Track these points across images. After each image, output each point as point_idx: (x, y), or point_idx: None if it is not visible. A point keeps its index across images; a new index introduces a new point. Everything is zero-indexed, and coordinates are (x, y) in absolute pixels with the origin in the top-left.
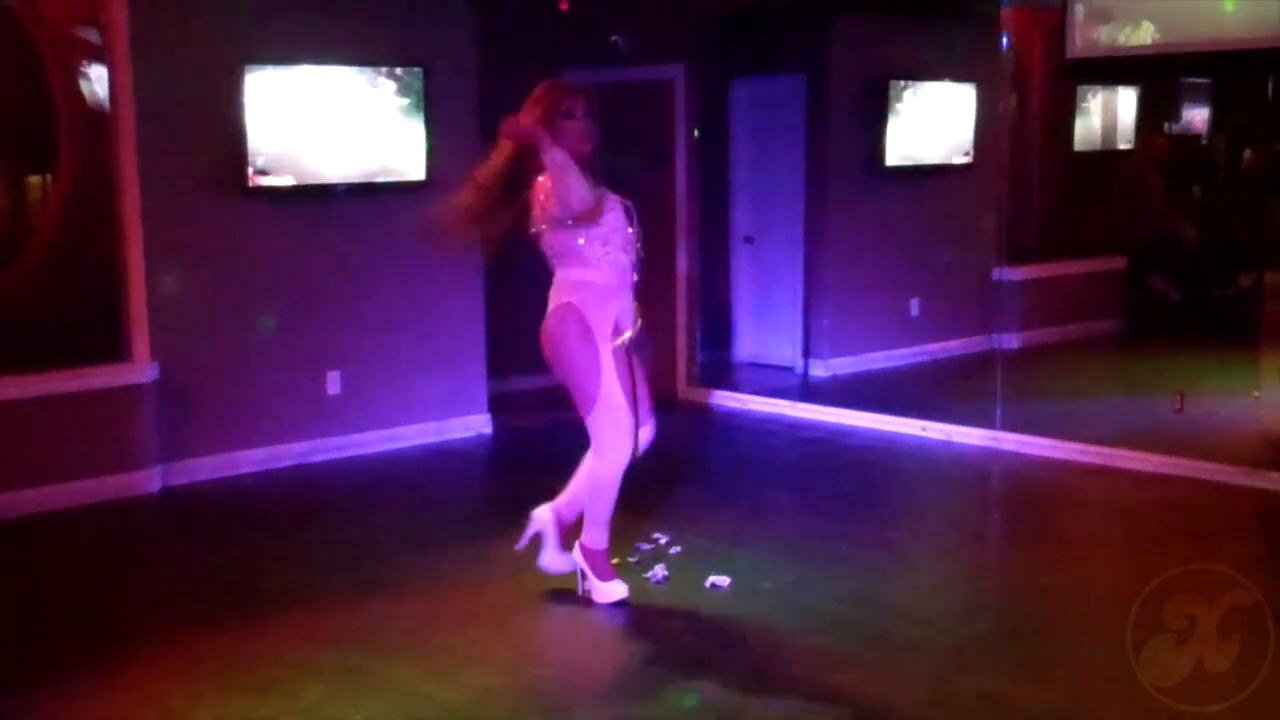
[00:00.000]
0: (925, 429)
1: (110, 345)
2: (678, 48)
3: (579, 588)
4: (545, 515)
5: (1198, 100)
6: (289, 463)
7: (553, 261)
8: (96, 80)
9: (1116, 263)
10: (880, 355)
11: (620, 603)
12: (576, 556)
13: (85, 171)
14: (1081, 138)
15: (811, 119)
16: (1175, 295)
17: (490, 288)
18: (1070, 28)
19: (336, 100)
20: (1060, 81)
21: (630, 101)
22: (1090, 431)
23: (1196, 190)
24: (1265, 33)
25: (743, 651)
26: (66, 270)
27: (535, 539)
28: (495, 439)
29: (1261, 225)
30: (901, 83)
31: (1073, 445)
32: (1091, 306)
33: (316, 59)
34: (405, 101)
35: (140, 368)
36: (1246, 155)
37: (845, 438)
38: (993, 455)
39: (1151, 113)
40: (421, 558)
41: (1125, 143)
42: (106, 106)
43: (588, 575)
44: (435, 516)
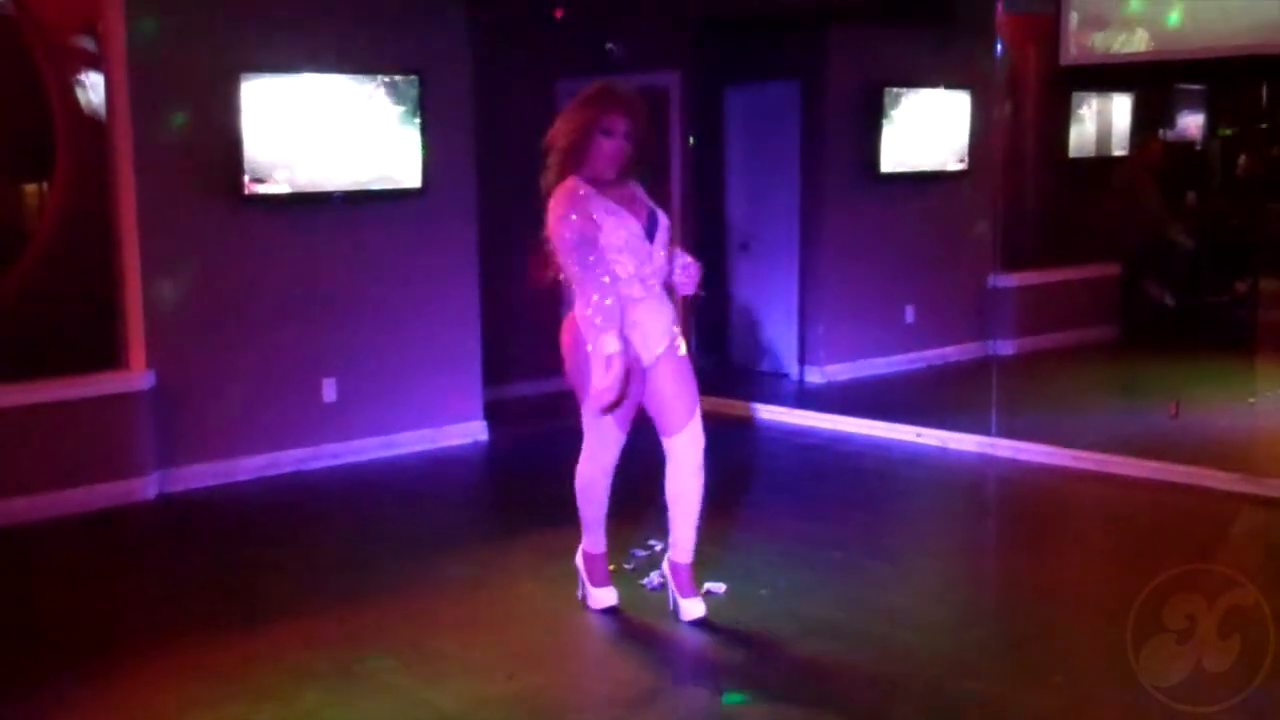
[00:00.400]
0: (920, 435)
1: (107, 353)
2: (673, 55)
3: (578, 590)
4: (664, 568)
5: (1192, 106)
6: (285, 470)
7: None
8: (93, 88)
9: (1111, 269)
10: (876, 362)
11: (610, 609)
12: (577, 560)
13: (82, 179)
14: (1076, 144)
15: (807, 126)
16: (1170, 301)
17: (486, 295)
18: (1065, 34)
19: (332, 108)
20: (1055, 88)
21: None
22: (1086, 438)
23: (1191, 196)
24: (1259, 39)
25: (739, 658)
26: (63, 277)
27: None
28: (491, 446)
29: (1256, 231)
30: (896, 89)
31: (1068, 452)
32: (1087, 313)
33: (312, 67)
34: (401, 109)
35: (137, 375)
36: (1241, 161)
37: (841, 444)
38: (988, 462)
39: (1146, 119)
40: (417, 564)
41: (1120, 149)
42: (103, 114)
43: (582, 580)
44: (431, 523)
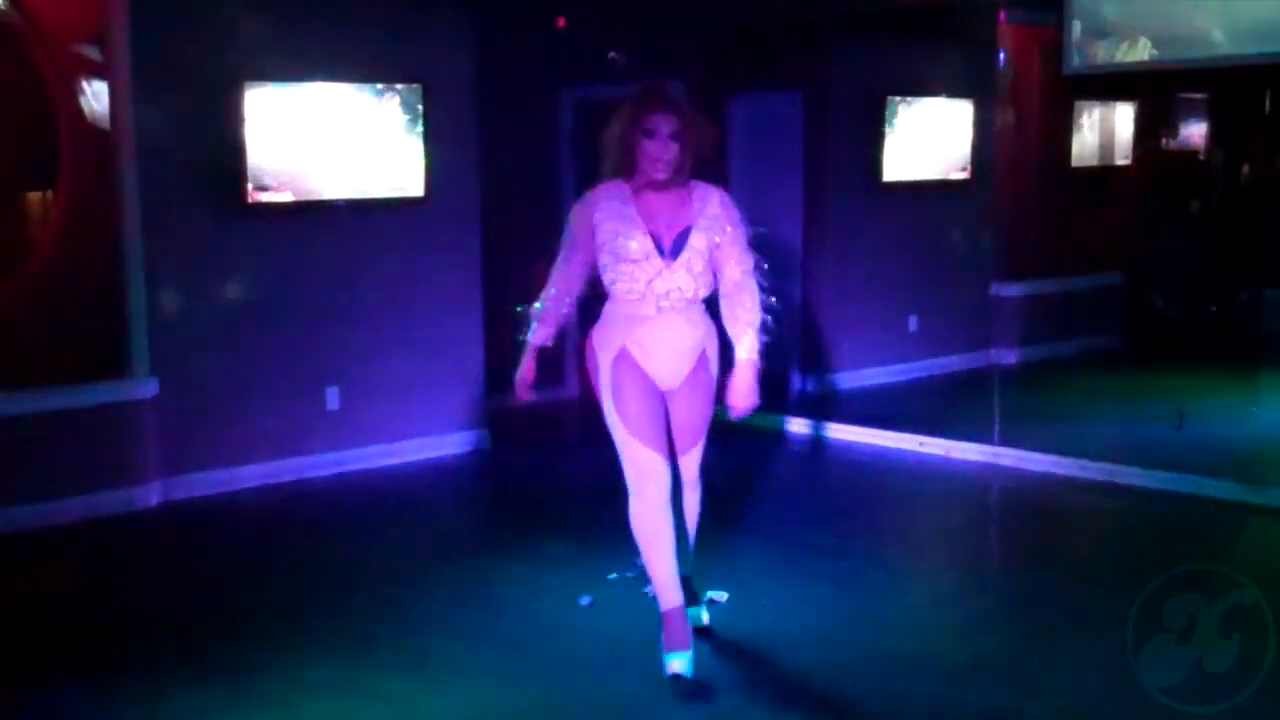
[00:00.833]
0: (923, 444)
1: (110, 361)
2: (676, 64)
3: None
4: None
5: (1195, 116)
6: (288, 478)
7: None
8: (97, 96)
9: (1115, 278)
10: (878, 370)
11: (678, 677)
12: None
13: (85, 187)
14: (1079, 154)
15: (810, 136)
16: (1173, 311)
17: (489, 304)
18: (1068, 44)
19: (336, 117)
20: (1057, 98)
21: None
22: (1089, 447)
23: (1194, 206)
24: (1261, 49)
25: (741, 667)
26: (67, 285)
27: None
28: (494, 455)
29: (1260, 240)
30: (899, 99)
31: (1072, 461)
32: (1090, 322)
33: (316, 76)
34: (404, 118)
35: (140, 383)
36: (1244, 170)
37: (843, 453)
38: (992, 471)
39: (1149, 129)
40: (420, 572)
41: (1123, 159)
42: (107, 123)
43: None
44: (434, 532)
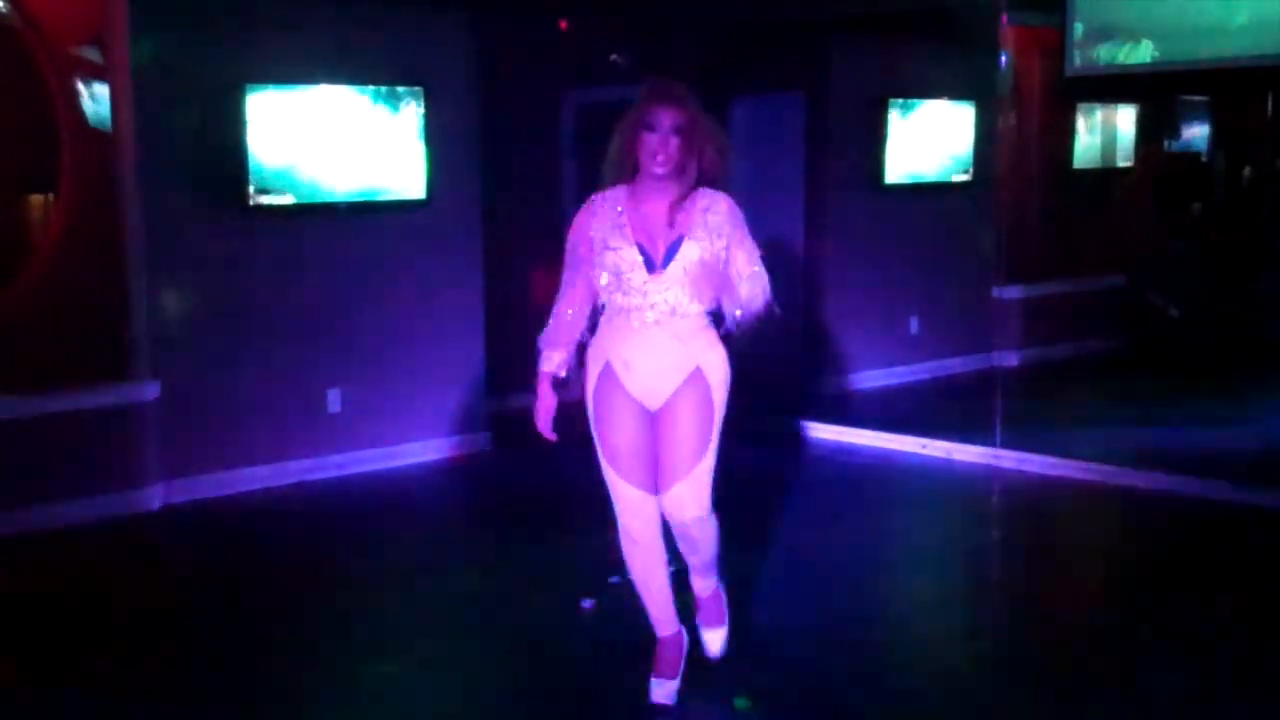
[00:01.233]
0: (925, 446)
1: (111, 363)
2: (677, 66)
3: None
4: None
5: (1197, 118)
6: (290, 480)
7: None
8: (98, 99)
9: (1116, 280)
10: (880, 372)
11: (659, 706)
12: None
13: (87, 190)
14: (1080, 155)
15: (810, 137)
16: (1175, 312)
17: (491, 306)
18: (1069, 45)
19: (337, 119)
20: (1059, 99)
21: None
22: (1091, 449)
23: (1196, 208)
24: (1265, 50)
25: (740, 667)
26: (68, 288)
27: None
28: (496, 457)
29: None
30: (900, 101)
31: (1073, 463)
32: (1091, 324)
33: (317, 78)
34: (405, 121)
35: (141, 386)
36: (1246, 172)
37: (845, 455)
38: (993, 473)
39: (1151, 130)
40: (421, 575)
41: (1125, 160)
42: (108, 126)
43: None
44: (436, 534)
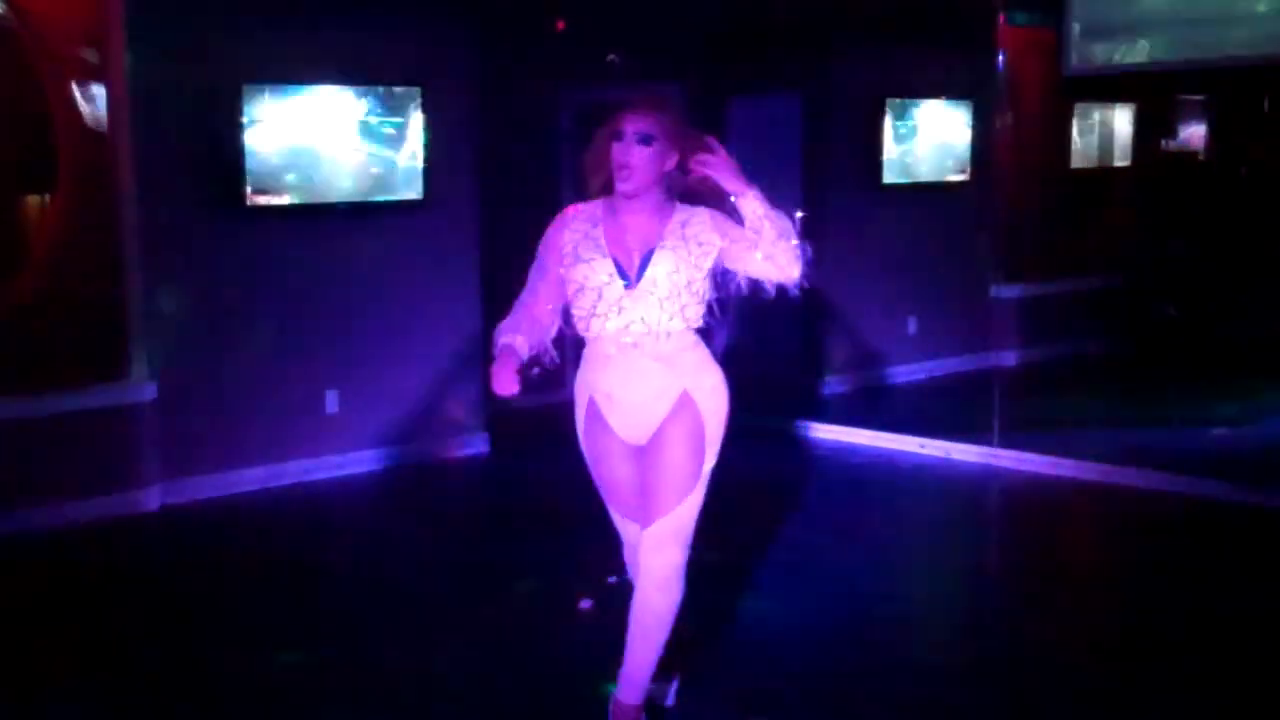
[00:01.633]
0: (924, 446)
1: (109, 364)
2: (675, 66)
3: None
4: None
5: (1195, 117)
6: (288, 481)
7: None
8: (95, 100)
9: (1114, 280)
10: (878, 372)
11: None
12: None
13: (84, 191)
14: (1078, 155)
15: (809, 137)
16: (1173, 312)
17: (488, 306)
18: (1067, 45)
19: (334, 119)
20: (1057, 99)
21: None
22: (1088, 448)
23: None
24: (1261, 50)
25: (740, 670)
26: (65, 289)
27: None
28: (493, 458)
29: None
30: (898, 101)
31: (1071, 462)
32: (1089, 324)
33: (314, 78)
34: (402, 121)
35: (139, 386)
36: (1243, 172)
37: (843, 454)
38: (991, 472)
39: (1149, 130)
40: (419, 576)
41: (1122, 160)
42: (105, 126)
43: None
44: (433, 535)
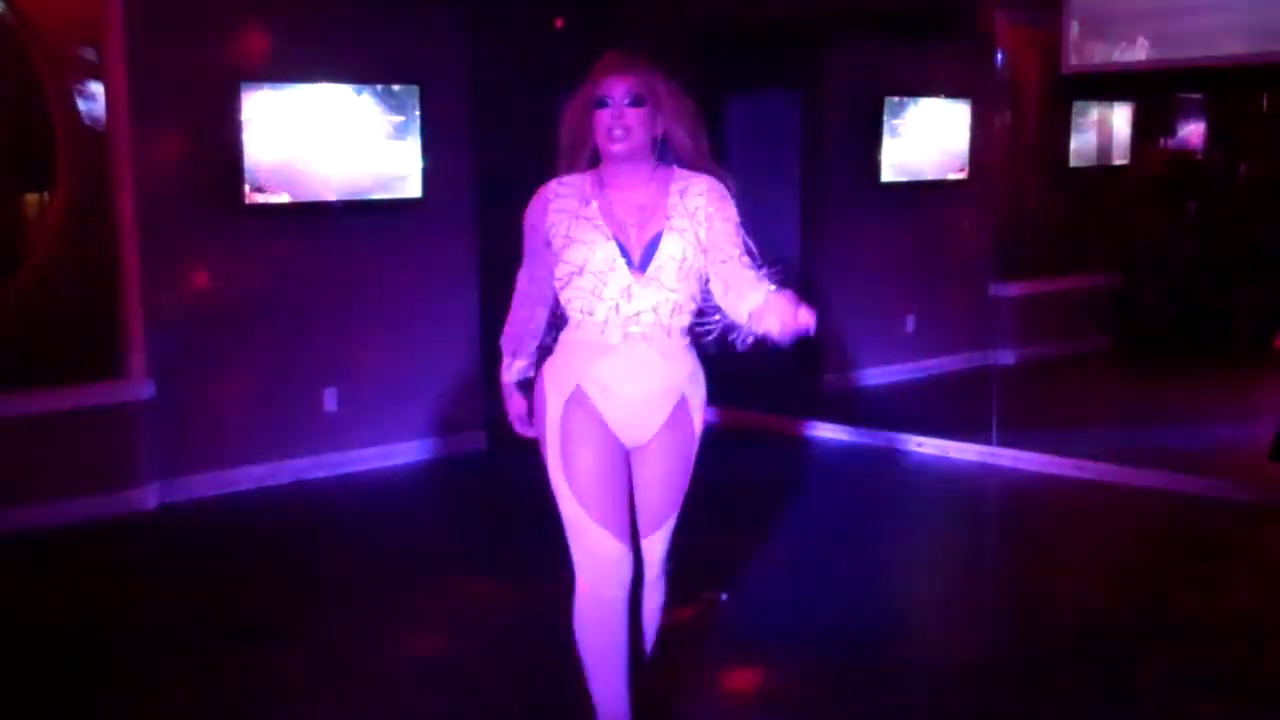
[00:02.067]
0: (921, 444)
1: (107, 362)
2: (672, 65)
3: None
4: None
5: (1193, 116)
6: (286, 479)
7: None
8: (94, 98)
9: (1112, 278)
10: (876, 370)
11: None
12: None
13: (82, 189)
14: (1077, 153)
15: (807, 136)
16: (1171, 310)
17: (486, 304)
18: (1065, 44)
19: (332, 118)
20: (1055, 97)
21: None
22: (1086, 447)
23: (1192, 205)
24: (1260, 48)
25: (739, 668)
26: (64, 287)
27: None
28: (493, 456)
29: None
30: (897, 99)
31: (1069, 461)
32: (1087, 322)
33: (313, 77)
34: (401, 119)
35: (137, 385)
36: (1242, 170)
37: (841, 453)
38: (989, 471)
39: (1147, 128)
40: (418, 574)
41: (1121, 158)
42: (103, 125)
43: None
44: (433, 533)
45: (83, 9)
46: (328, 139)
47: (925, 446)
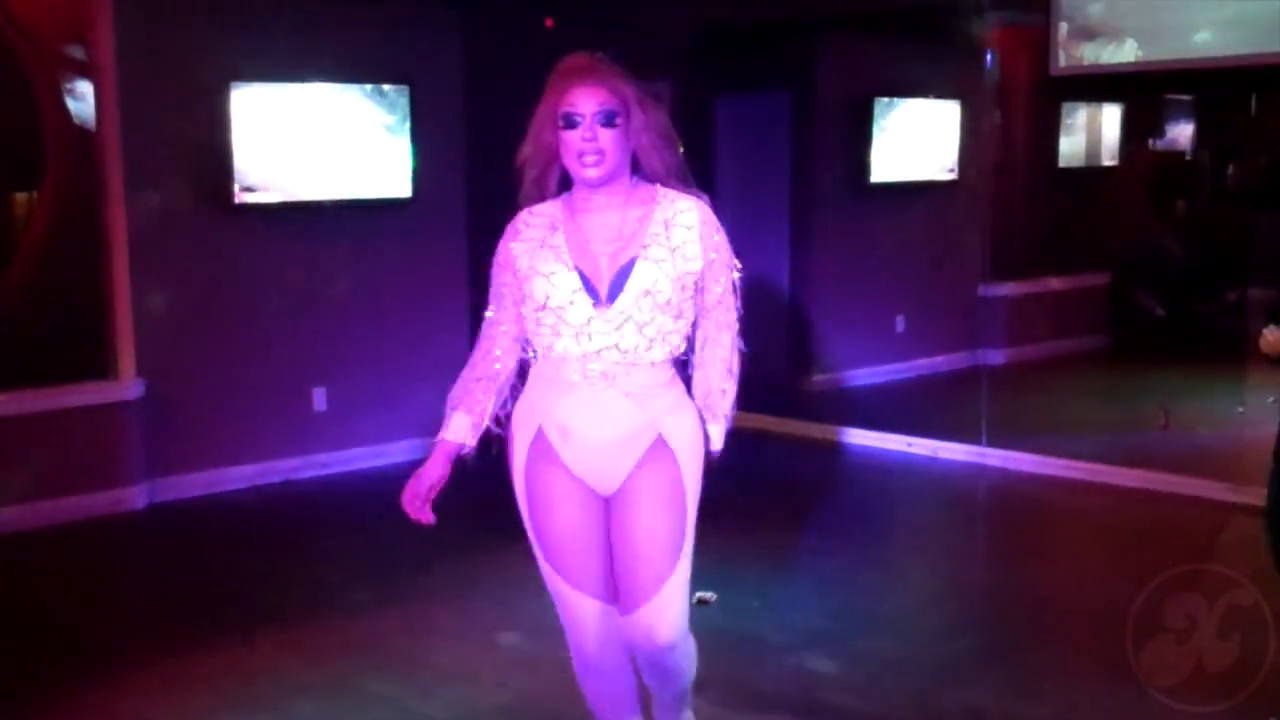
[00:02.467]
0: (911, 445)
1: (96, 362)
2: (663, 65)
3: None
4: None
5: (1181, 116)
6: (276, 479)
7: None
8: (83, 97)
9: (1101, 278)
10: (866, 371)
11: None
12: None
13: (71, 188)
14: (1066, 154)
15: (797, 136)
16: (1160, 311)
17: (476, 304)
18: (1054, 45)
19: (323, 117)
20: (1044, 98)
21: None
22: (1076, 447)
23: (1181, 205)
24: (1247, 50)
25: (730, 668)
26: (52, 286)
27: None
28: (481, 455)
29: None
30: (886, 100)
31: (1058, 461)
32: (1077, 322)
33: (303, 76)
34: (391, 119)
35: (126, 384)
36: (1230, 170)
37: (831, 453)
38: (979, 471)
39: (1135, 129)
40: (408, 573)
41: (1109, 159)
42: (93, 123)
43: None
44: (422, 532)
45: (72, 6)
46: (318, 138)
47: (915, 446)
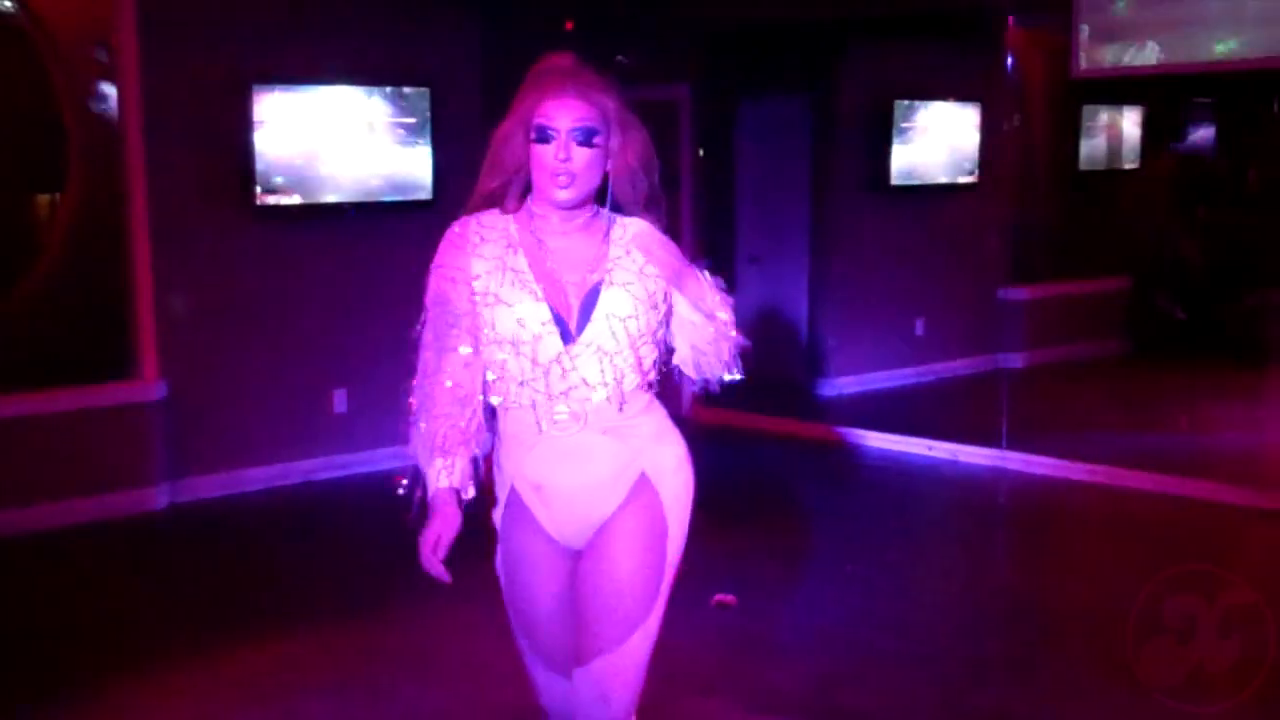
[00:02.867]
0: (931, 448)
1: (119, 363)
2: (684, 68)
3: None
4: None
5: (1203, 120)
6: (295, 480)
7: None
8: (106, 99)
9: (1122, 282)
10: (886, 374)
11: None
12: None
13: (94, 190)
14: (1086, 157)
15: (817, 139)
16: (1180, 314)
17: None
18: (1075, 47)
19: (344, 119)
20: (1065, 101)
21: None
22: (1097, 451)
23: (1202, 209)
24: (1269, 53)
25: (750, 670)
26: (76, 288)
27: None
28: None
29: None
30: (906, 103)
31: (1079, 465)
32: (1097, 326)
33: (324, 79)
34: (412, 121)
35: (149, 385)
36: (1252, 174)
37: (851, 456)
38: (999, 474)
39: (1157, 132)
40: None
41: (1130, 162)
42: (115, 125)
43: None
44: None
45: (95, 10)
46: (339, 141)
47: (935, 450)
